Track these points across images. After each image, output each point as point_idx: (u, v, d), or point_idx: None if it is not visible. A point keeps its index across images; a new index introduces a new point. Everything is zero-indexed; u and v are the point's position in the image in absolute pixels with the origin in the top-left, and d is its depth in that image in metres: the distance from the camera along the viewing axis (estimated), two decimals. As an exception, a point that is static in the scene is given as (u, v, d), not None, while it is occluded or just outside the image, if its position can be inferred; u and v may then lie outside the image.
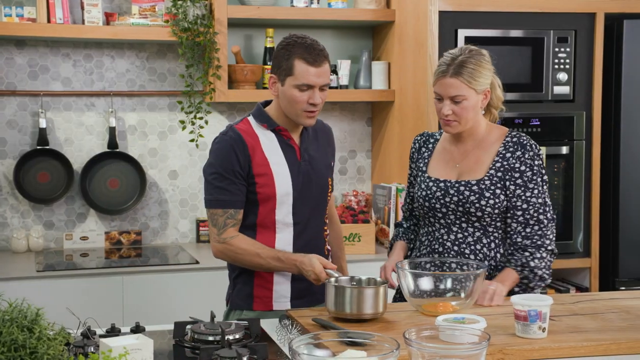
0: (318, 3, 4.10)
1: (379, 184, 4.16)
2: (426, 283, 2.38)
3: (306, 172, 2.61)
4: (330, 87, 3.75)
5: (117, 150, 4.06)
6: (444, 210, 2.61)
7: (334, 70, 4.12)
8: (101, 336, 2.07)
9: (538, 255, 2.53)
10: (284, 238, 2.60)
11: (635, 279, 3.95)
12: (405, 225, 2.82)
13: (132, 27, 3.89)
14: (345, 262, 2.93)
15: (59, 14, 3.80)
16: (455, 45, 3.72)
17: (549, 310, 2.14)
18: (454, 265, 2.53)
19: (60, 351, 1.72)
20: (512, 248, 2.57)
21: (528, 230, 2.55)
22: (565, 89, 3.90)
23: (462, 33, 3.74)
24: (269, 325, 2.34)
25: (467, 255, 2.58)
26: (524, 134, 2.62)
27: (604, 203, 4.00)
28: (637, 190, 3.94)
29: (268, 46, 4.10)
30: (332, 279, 2.39)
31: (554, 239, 2.59)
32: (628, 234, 3.96)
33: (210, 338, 2.13)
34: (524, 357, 2.05)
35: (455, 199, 2.58)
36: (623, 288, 3.91)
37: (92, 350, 1.96)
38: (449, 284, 2.37)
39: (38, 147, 3.96)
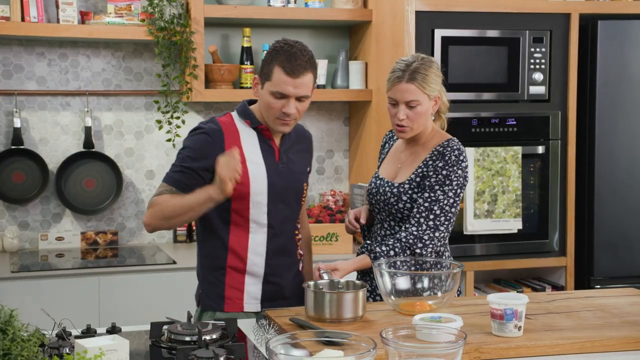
0: (295, 3, 4.10)
1: (357, 184, 4.16)
2: (403, 282, 2.39)
3: (283, 174, 2.59)
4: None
5: (93, 150, 4.03)
6: (377, 206, 2.73)
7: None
8: (76, 337, 2.06)
9: (401, 258, 2.54)
10: (257, 239, 2.57)
11: (610, 278, 3.99)
12: None
13: (107, 26, 3.86)
14: (311, 265, 2.88)
15: (33, 12, 3.76)
16: (432, 45, 3.74)
17: (524, 309, 2.16)
18: (430, 265, 2.55)
19: (35, 352, 1.71)
20: (394, 237, 2.61)
21: (408, 227, 2.58)
22: (540, 89, 3.93)
23: (439, 33, 3.76)
24: (246, 326, 2.33)
25: None
26: (454, 145, 2.63)
27: (579, 202, 4.03)
28: (612, 189, 3.98)
29: (245, 46, 4.08)
30: (311, 283, 2.40)
31: (431, 245, 2.56)
32: (603, 233, 3.99)
33: (187, 338, 2.12)
34: (500, 356, 2.06)
35: (382, 197, 2.69)
36: (598, 286, 3.94)
37: (67, 351, 1.95)
38: (425, 283, 2.38)
39: (13, 147, 3.92)
